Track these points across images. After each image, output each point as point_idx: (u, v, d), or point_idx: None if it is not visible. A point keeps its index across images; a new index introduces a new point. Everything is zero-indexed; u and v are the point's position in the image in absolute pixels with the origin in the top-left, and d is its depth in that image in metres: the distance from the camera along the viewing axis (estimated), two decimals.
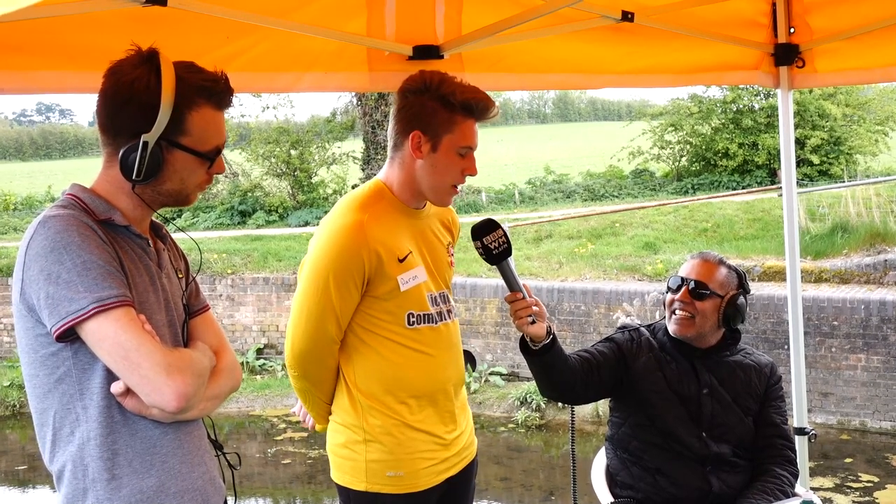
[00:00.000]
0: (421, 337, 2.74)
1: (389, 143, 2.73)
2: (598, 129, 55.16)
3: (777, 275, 11.75)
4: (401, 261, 2.67)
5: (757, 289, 10.99)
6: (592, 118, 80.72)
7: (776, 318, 10.82)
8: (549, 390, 3.18)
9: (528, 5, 3.06)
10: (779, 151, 4.30)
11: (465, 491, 2.96)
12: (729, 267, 3.25)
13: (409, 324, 2.71)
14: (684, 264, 3.27)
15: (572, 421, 3.79)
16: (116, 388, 1.90)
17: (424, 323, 2.74)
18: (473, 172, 2.70)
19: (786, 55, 3.92)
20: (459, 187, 2.74)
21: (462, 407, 2.93)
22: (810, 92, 19.98)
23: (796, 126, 18.72)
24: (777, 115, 4.16)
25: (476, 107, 2.61)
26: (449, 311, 2.84)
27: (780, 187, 4.67)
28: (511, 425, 11.48)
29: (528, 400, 11.63)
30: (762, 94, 21.06)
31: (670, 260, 12.98)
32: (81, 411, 1.92)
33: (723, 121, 21.68)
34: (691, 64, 3.90)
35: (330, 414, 2.83)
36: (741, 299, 3.19)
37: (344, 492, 2.80)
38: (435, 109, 2.60)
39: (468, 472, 2.94)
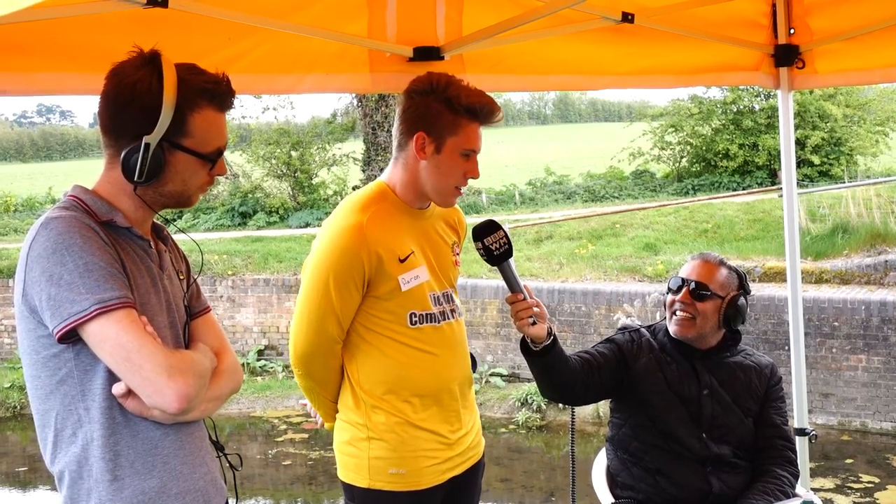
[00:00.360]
0: (424, 336, 2.74)
1: (393, 144, 2.75)
2: (598, 129, 55.16)
3: (777, 275, 11.75)
4: (402, 261, 2.68)
5: (757, 289, 10.99)
6: (593, 119, 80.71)
7: (777, 319, 10.81)
8: (549, 391, 3.18)
9: (529, 6, 3.06)
10: (779, 152, 4.31)
11: (470, 492, 2.96)
12: (729, 268, 3.25)
13: (411, 323, 2.72)
14: (685, 265, 3.27)
15: (573, 422, 3.79)
16: (118, 389, 1.90)
17: (427, 322, 2.75)
18: (476, 175, 2.71)
19: (786, 56, 3.93)
20: (462, 189, 2.75)
21: (469, 407, 2.93)
22: (811, 92, 19.95)
23: (796, 127, 18.71)
24: (777, 116, 4.16)
25: (480, 110, 2.63)
26: (453, 311, 2.84)
27: (781, 188, 4.67)
28: (512, 426, 11.48)
29: (529, 401, 11.63)
30: (762, 95, 21.05)
31: (671, 261, 12.97)
32: (83, 412, 1.93)
33: (723, 122, 21.66)
34: (692, 65, 3.90)
35: (337, 412, 2.85)
36: (742, 300, 3.19)
37: (348, 489, 2.81)
38: (440, 111, 2.61)
39: (474, 472, 2.94)
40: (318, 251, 2.67)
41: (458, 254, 2.93)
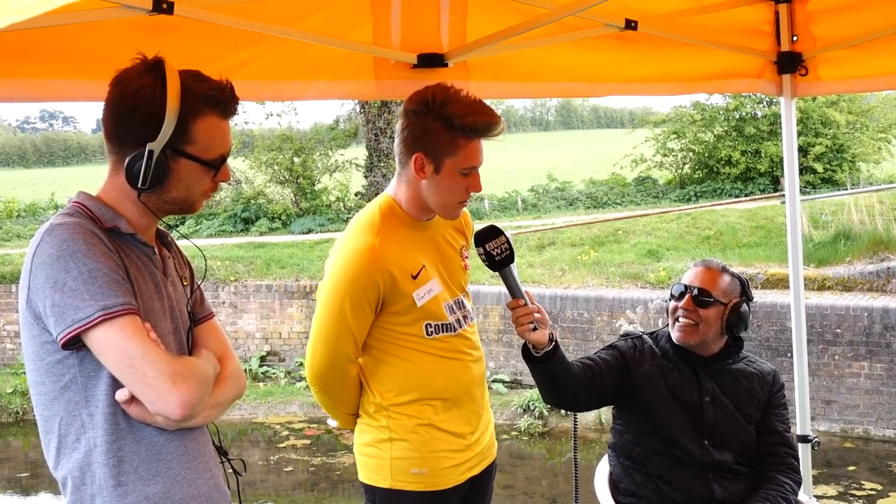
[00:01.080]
0: (441, 344, 2.77)
1: (396, 160, 2.75)
2: (600, 136, 55.28)
3: (780, 282, 11.75)
4: (414, 277, 2.69)
5: (760, 296, 10.99)
6: (595, 125, 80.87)
7: (779, 326, 10.81)
8: (551, 397, 3.18)
9: (532, 14, 3.06)
10: (781, 159, 4.31)
11: (485, 491, 3.00)
12: (732, 274, 3.25)
13: (427, 334, 2.74)
14: (687, 272, 3.27)
15: (575, 428, 3.78)
16: (121, 395, 1.90)
17: (443, 332, 2.78)
18: (478, 189, 2.70)
19: (789, 63, 3.93)
20: (466, 201, 2.76)
21: (485, 408, 2.98)
22: (813, 99, 20.00)
23: (799, 133, 18.72)
24: (780, 123, 4.16)
25: (479, 128, 2.59)
26: (465, 317, 2.87)
27: (783, 195, 4.67)
28: (514, 433, 11.47)
29: (531, 407, 11.62)
30: (765, 102, 21.09)
31: (673, 267, 12.97)
32: (87, 418, 1.93)
33: (725, 128, 21.70)
34: (694, 72, 3.90)
35: (357, 417, 2.88)
36: (744, 307, 3.19)
37: (369, 490, 2.83)
38: (437, 131, 2.58)
39: (489, 472, 2.97)
40: (333, 274, 2.69)
41: (466, 257, 2.94)
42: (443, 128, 2.57)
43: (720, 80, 4.07)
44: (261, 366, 13.99)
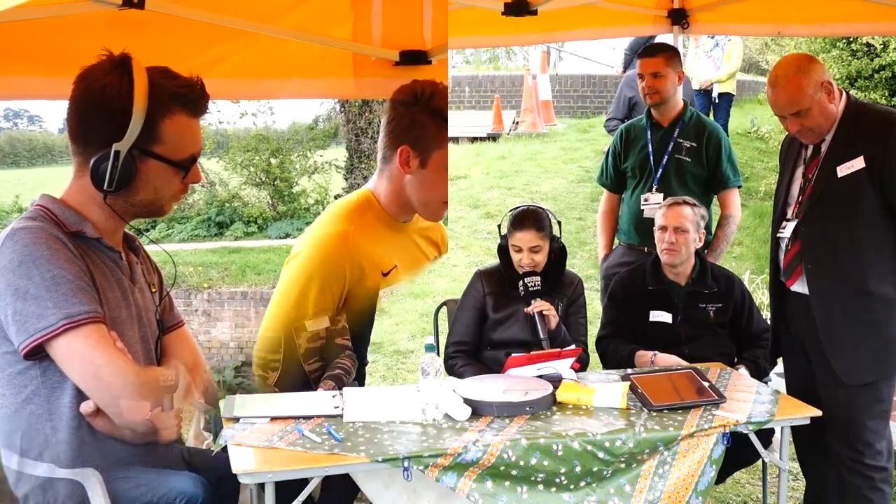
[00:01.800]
0: None
1: (378, 154, 2.71)
2: None
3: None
4: (385, 275, 2.66)
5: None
6: None
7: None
8: None
9: None
10: None
11: None
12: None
13: None
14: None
15: None
16: (86, 407, 1.86)
17: None
18: None
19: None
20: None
21: None
22: None
23: None
24: None
25: None
26: None
27: None
28: None
29: None
30: None
31: None
32: (50, 432, 1.88)
33: None
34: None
35: None
36: None
37: None
38: (424, 123, 2.54)
39: None
40: (304, 255, 2.62)
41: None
42: (431, 120, 2.54)
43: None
44: (235, 377, 13.88)
